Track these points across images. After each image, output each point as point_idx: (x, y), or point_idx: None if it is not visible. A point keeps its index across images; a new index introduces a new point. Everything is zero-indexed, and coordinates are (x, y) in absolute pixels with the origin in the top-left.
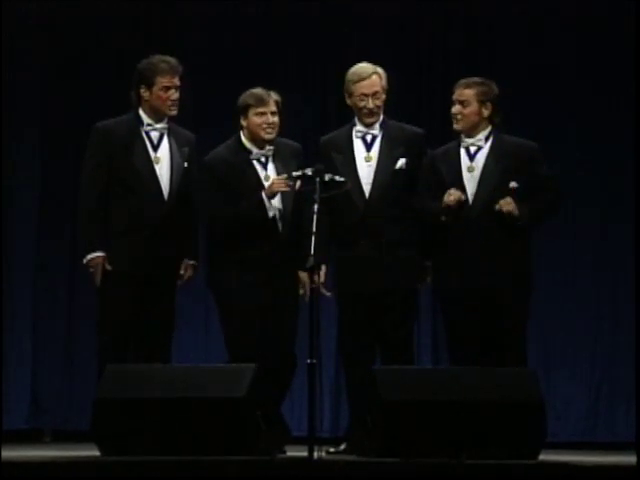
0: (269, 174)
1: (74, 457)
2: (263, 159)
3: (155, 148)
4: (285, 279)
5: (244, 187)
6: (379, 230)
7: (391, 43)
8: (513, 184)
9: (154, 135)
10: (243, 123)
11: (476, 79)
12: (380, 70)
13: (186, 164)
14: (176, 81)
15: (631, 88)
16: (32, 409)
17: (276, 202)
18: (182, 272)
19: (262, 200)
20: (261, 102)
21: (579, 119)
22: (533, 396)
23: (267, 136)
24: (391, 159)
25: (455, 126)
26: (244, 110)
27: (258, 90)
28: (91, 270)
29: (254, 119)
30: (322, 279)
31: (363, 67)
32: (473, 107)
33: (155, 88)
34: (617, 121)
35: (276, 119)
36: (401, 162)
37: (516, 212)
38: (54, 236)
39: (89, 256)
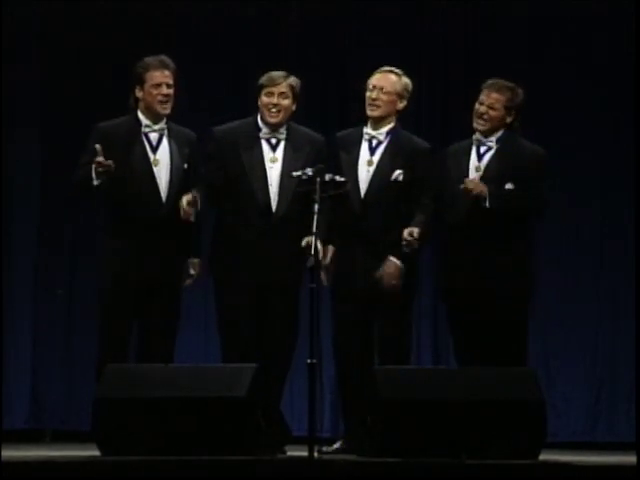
0: (276, 156)
1: (74, 457)
2: (274, 140)
3: (154, 150)
4: (281, 263)
5: (246, 162)
6: (373, 233)
7: (391, 43)
8: (509, 186)
9: (153, 137)
10: (259, 103)
11: (508, 84)
12: (405, 78)
13: (186, 165)
14: (167, 76)
15: (631, 88)
16: (32, 409)
17: (274, 186)
18: (192, 272)
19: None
20: (271, 82)
21: (579, 119)
22: (533, 396)
23: (270, 118)
24: (390, 169)
25: (476, 125)
26: (259, 90)
27: (276, 72)
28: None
29: (263, 98)
30: (327, 260)
31: (386, 66)
32: (499, 112)
33: (146, 85)
34: (617, 121)
35: (285, 102)
36: (396, 173)
37: (480, 192)
38: (54, 236)
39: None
